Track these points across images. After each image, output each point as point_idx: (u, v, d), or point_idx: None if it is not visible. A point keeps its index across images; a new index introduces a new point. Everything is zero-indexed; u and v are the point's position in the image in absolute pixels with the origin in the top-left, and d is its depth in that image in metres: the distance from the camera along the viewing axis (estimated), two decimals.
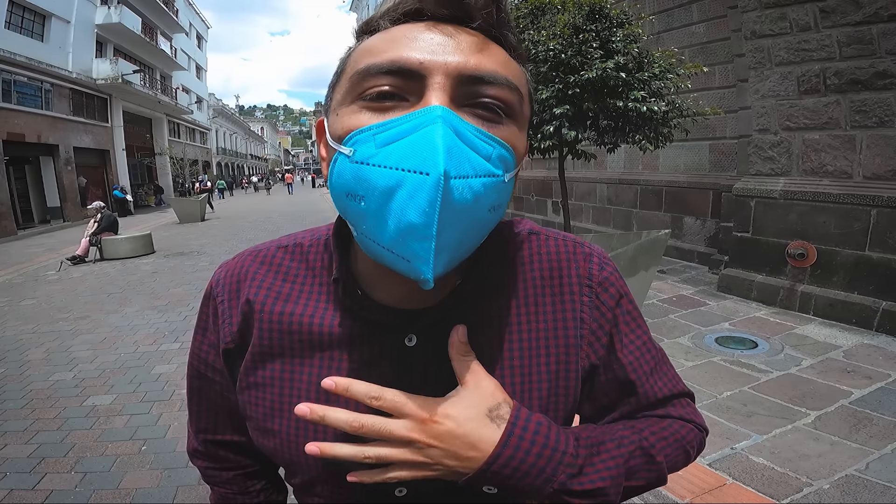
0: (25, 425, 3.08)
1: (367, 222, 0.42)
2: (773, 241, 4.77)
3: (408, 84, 0.43)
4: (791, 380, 3.19)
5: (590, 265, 0.58)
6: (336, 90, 0.49)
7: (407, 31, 0.45)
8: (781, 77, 4.52)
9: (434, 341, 0.52)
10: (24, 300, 6.53)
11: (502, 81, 0.45)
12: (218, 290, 0.59)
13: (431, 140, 0.39)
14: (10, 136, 15.13)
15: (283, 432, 0.55)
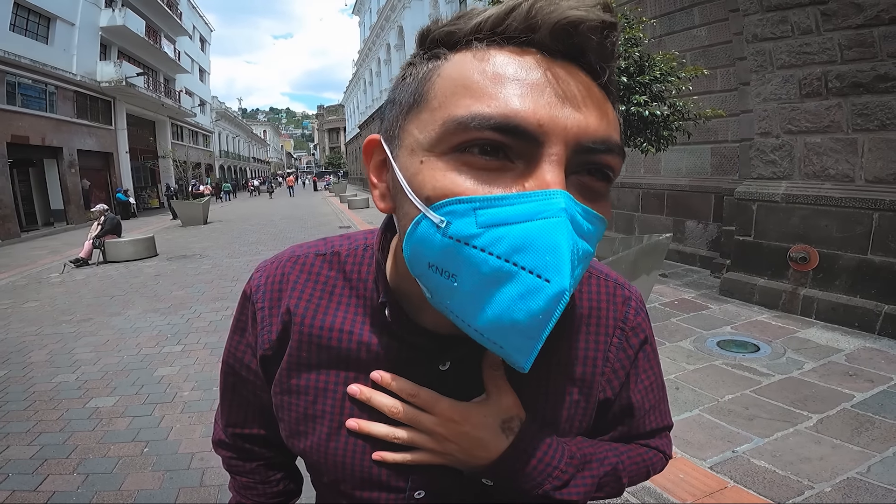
0: (28, 427, 3.09)
1: (456, 300, 0.40)
2: (774, 244, 4.77)
3: (519, 145, 0.38)
4: (793, 383, 3.19)
5: (626, 309, 0.60)
6: (414, 121, 0.42)
7: (513, 66, 0.39)
8: (783, 80, 4.52)
9: (466, 367, 0.55)
10: (27, 302, 6.56)
11: (616, 149, 0.41)
12: (258, 297, 0.60)
13: (555, 240, 0.35)
14: (15, 139, 15.20)
15: (315, 436, 0.57)
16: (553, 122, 0.37)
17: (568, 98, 0.38)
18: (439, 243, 0.38)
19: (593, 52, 0.40)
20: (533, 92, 0.38)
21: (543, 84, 0.38)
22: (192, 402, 3.39)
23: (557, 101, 0.38)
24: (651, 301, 4.90)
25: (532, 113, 0.37)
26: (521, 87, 0.38)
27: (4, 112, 14.88)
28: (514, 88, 0.38)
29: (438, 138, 0.39)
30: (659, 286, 5.55)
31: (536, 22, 0.38)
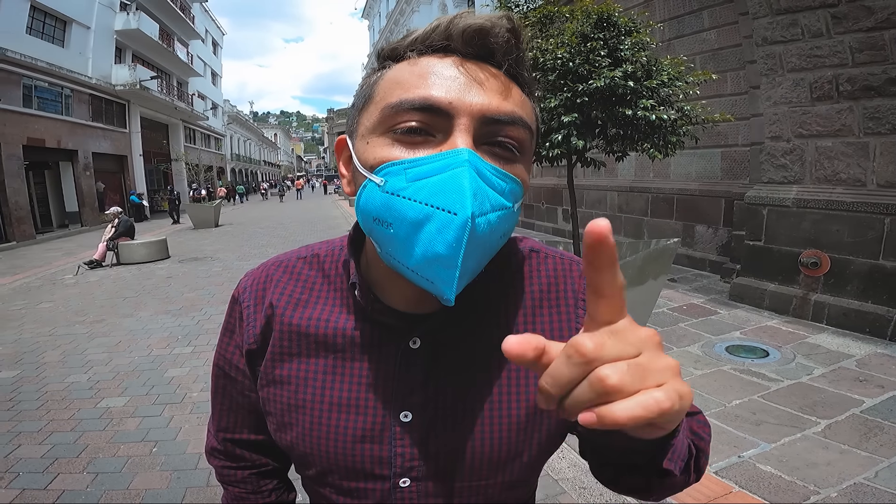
0: (40, 426, 3.14)
1: (394, 246, 0.47)
2: (785, 249, 4.72)
3: (436, 121, 0.47)
4: (802, 389, 3.17)
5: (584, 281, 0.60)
6: (364, 115, 0.52)
7: (435, 66, 0.49)
8: (794, 83, 4.49)
9: (435, 344, 0.57)
10: (41, 303, 6.67)
11: (518, 122, 0.50)
12: (245, 297, 0.65)
13: (460, 183, 0.43)
14: (31, 142, 15.40)
15: (300, 426, 0.59)
16: (460, 101, 0.47)
17: (474, 84, 0.48)
18: (380, 198, 0.47)
19: (499, 51, 0.50)
20: (446, 81, 0.48)
21: (455, 76, 0.48)
22: (201, 402, 3.42)
23: (465, 86, 0.48)
24: (659, 306, 4.88)
25: (444, 95, 0.47)
26: (438, 78, 0.48)
27: (21, 115, 15.07)
28: (432, 80, 0.48)
29: (378, 122, 0.50)
30: (667, 291, 5.51)
31: (451, 32, 0.49)
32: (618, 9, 3.32)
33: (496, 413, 0.58)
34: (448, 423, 0.58)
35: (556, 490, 2.35)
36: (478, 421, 0.58)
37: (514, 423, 0.58)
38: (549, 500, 2.29)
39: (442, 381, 0.58)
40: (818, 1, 4.15)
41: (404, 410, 0.57)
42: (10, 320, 5.81)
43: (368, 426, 0.58)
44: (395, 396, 0.58)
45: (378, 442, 0.58)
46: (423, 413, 0.57)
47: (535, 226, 11.35)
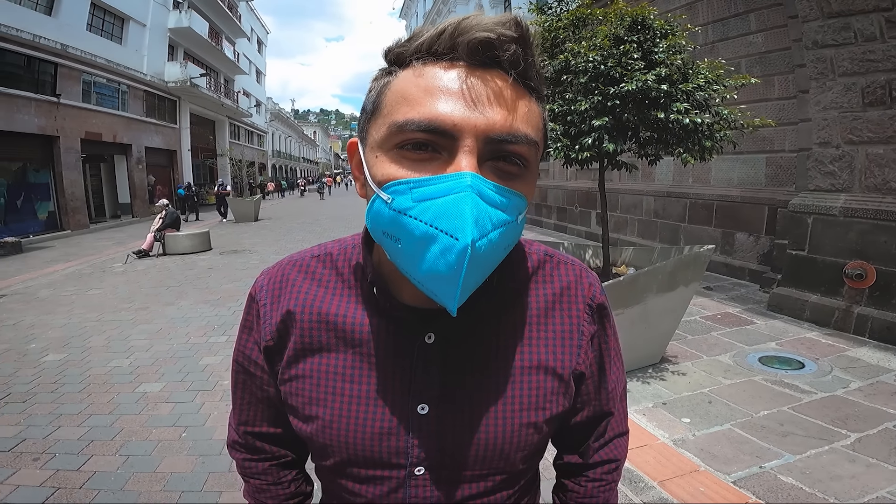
0: (80, 409, 3.31)
1: (402, 259, 0.51)
2: (829, 260, 4.52)
3: (441, 141, 0.49)
4: (835, 402, 3.06)
5: (593, 290, 0.68)
6: (373, 126, 0.54)
7: (440, 79, 0.49)
8: (844, 88, 4.28)
9: (450, 339, 0.61)
10: (91, 290, 7.05)
11: (522, 140, 0.51)
12: (261, 295, 0.67)
13: (462, 209, 0.45)
14: (88, 136, 16.16)
15: (321, 418, 0.62)
16: (465, 122, 0.48)
17: (479, 102, 0.49)
18: (387, 214, 0.50)
19: (505, 61, 0.50)
20: (452, 99, 0.48)
21: (460, 93, 0.49)
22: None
23: (469, 106, 0.48)
24: (691, 314, 4.74)
25: (449, 116, 0.48)
26: (444, 95, 0.49)
27: (80, 110, 15.79)
28: (437, 97, 0.49)
29: (386, 138, 0.51)
30: (701, 299, 5.35)
31: (457, 43, 0.49)
32: (653, 11, 3.24)
33: (508, 406, 0.61)
34: (462, 415, 0.61)
35: None
36: (490, 413, 0.61)
37: (525, 415, 0.62)
38: None
39: (456, 375, 0.61)
40: (872, 4, 3.96)
41: (421, 403, 0.60)
42: (60, 305, 6.17)
43: (388, 418, 0.61)
44: (412, 390, 0.60)
45: (396, 433, 0.61)
46: (438, 405, 0.60)
47: (568, 229, 11.20)
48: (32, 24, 13.59)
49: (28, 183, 14.29)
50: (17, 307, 6.14)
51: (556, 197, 11.85)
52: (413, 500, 0.62)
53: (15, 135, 13.20)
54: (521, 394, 0.62)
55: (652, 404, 3.10)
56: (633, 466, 2.48)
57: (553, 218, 12.06)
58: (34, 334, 4.99)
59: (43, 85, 14.40)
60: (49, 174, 14.83)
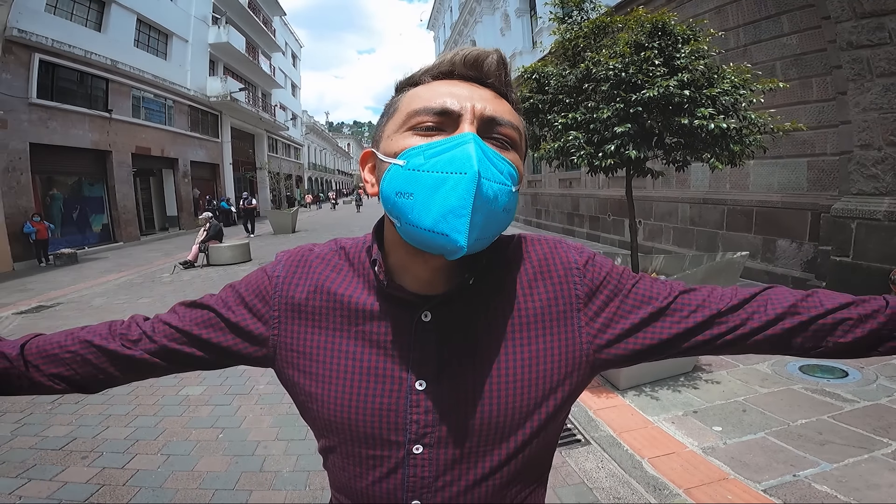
0: (128, 410, 3.52)
1: (414, 212, 0.56)
2: (875, 266, 4.34)
3: (447, 121, 0.60)
4: (879, 410, 2.94)
5: (568, 256, 0.71)
6: (389, 123, 0.65)
7: (444, 85, 0.63)
8: (884, 89, 4.14)
9: (444, 318, 0.66)
10: (141, 298, 7.45)
11: (508, 123, 0.63)
12: (278, 270, 0.73)
13: (468, 153, 0.55)
14: (139, 150, 16.95)
15: (323, 396, 0.67)
16: (465, 106, 0.60)
17: (476, 96, 0.62)
18: (402, 175, 0.58)
19: (490, 74, 0.65)
20: (454, 94, 0.62)
21: (461, 90, 0.62)
22: (266, 395, 3.70)
23: (470, 97, 0.62)
24: None
25: (454, 103, 0.61)
26: (447, 93, 0.62)
27: (130, 125, 16.58)
28: (443, 94, 0.62)
29: (402, 123, 0.62)
30: None
31: (454, 60, 0.64)
32: (673, 17, 3.22)
33: (502, 381, 0.64)
34: (458, 391, 0.64)
35: (590, 498, 2.34)
36: (486, 388, 0.64)
37: (521, 388, 0.65)
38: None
39: (452, 352, 0.65)
40: None
41: (419, 379, 0.64)
42: (112, 313, 6.54)
43: (387, 393, 0.64)
44: (410, 366, 0.65)
45: (395, 409, 0.64)
46: (435, 381, 0.64)
47: (601, 238, 11.03)
48: (84, 40, 14.35)
49: (83, 196, 15.14)
50: (72, 314, 6.55)
51: (589, 206, 11.72)
52: (413, 480, 0.64)
53: (71, 149, 13.97)
54: (516, 367, 0.65)
55: (682, 412, 3.05)
56: (658, 474, 2.45)
57: (586, 227, 11.92)
58: None
59: (95, 100, 15.17)
60: (102, 188, 15.65)
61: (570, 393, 0.68)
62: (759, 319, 0.65)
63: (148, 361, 0.72)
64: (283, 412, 3.39)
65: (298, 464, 2.75)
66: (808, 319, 0.63)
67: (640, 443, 2.75)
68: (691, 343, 0.67)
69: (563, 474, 2.52)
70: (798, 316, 0.64)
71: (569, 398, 0.68)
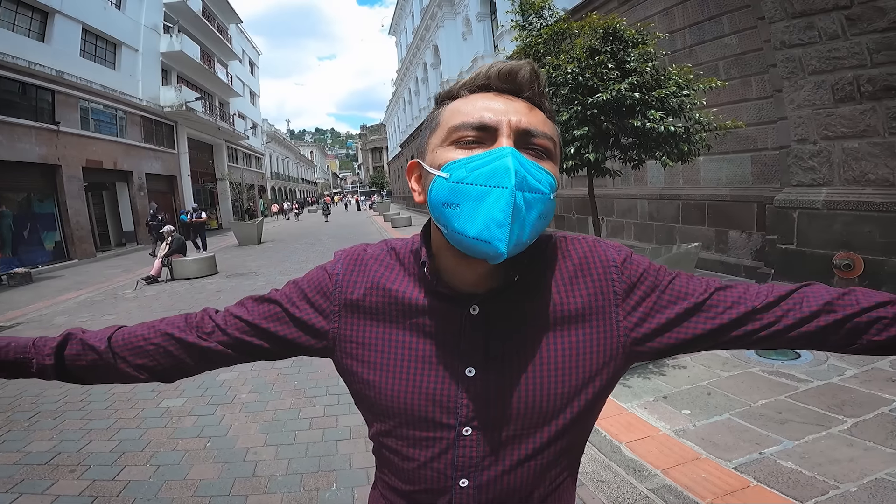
0: (109, 423, 3.48)
1: (460, 221, 0.61)
2: (818, 252, 4.67)
3: (486, 135, 0.64)
4: (832, 389, 3.15)
5: (607, 254, 0.74)
6: (432, 137, 0.69)
7: (481, 99, 0.67)
8: (815, 86, 4.48)
9: (490, 311, 0.70)
10: (105, 315, 7.24)
11: (542, 134, 0.66)
12: (338, 269, 0.79)
13: (506, 166, 0.59)
14: (90, 163, 16.23)
15: (380, 383, 0.72)
16: (502, 120, 0.64)
17: (511, 110, 0.65)
18: (448, 187, 0.62)
19: (524, 86, 0.68)
20: (491, 109, 0.65)
21: (497, 104, 0.66)
22: (249, 403, 3.73)
23: (505, 110, 0.65)
24: None
25: (491, 118, 0.64)
26: (485, 108, 0.66)
27: (80, 137, 15.88)
28: (481, 108, 0.66)
29: (444, 138, 0.67)
30: None
31: (489, 74, 0.68)
32: (622, 21, 3.44)
33: (545, 368, 0.69)
34: (504, 378, 0.69)
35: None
36: (530, 375, 0.69)
37: (562, 376, 0.69)
38: None
39: (498, 342, 0.70)
40: (831, 3, 4.15)
41: (469, 366, 0.70)
42: None
43: (440, 380, 0.70)
44: (461, 355, 0.70)
45: (447, 394, 0.69)
46: (483, 369, 0.69)
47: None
48: (28, 50, 13.80)
49: (33, 213, 14.47)
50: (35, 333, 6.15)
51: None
52: (462, 460, 0.70)
53: (18, 164, 13.35)
54: (556, 356, 0.69)
55: (653, 398, 3.21)
56: (636, 456, 2.59)
57: (552, 226, 12.24)
58: None
59: (42, 113, 14.54)
60: (53, 204, 14.98)
61: (608, 383, 0.72)
62: (794, 317, 0.67)
63: (221, 352, 0.79)
64: (269, 419, 3.43)
65: (291, 467, 2.81)
66: (844, 318, 0.64)
67: (617, 429, 2.89)
68: (727, 338, 0.70)
69: None
70: (833, 314, 0.65)
71: (606, 388, 0.72)
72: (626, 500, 2.31)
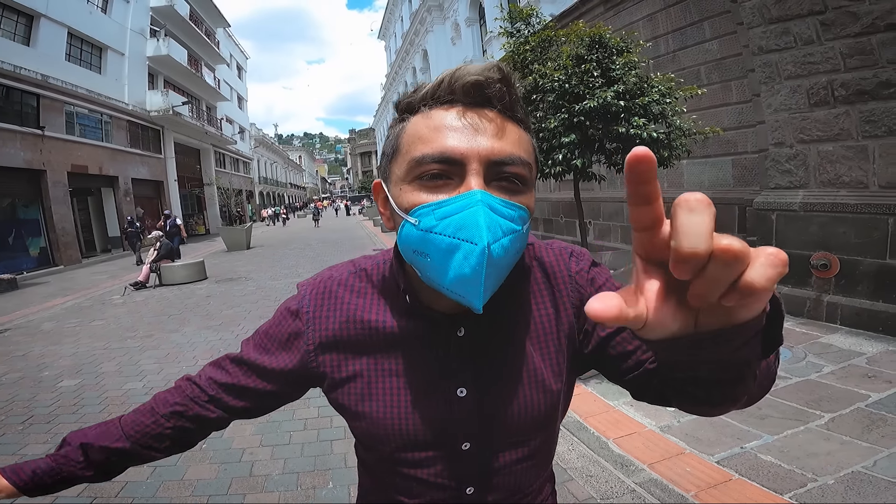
0: None
1: (432, 271, 0.58)
2: (796, 253, 4.76)
3: (452, 168, 0.59)
4: (809, 385, 3.25)
5: (569, 263, 0.76)
6: (394, 164, 0.64)
7: (444, 118, 0.60)
8: (791, 90, 4.61)
9: (475, 332, 0.70)
10: (94, 321, 7.18)
11: (517, 162, 0.61)
12: (305, 304, 0.76)
13: (476, 219, 0.54)
14: (75, 168, 16.07)
15: (372, 413, 0.71)
16: (470, 150, 0.59)
17: (479, 133, 0.59)
18: (416, 235, 0.59)
19: (493, 98, 0.61)
20: (457, 133, 0.59)
21: (462, 127, 0.60)
22: None
23: (472, 136, 0.59)
24: None
25: (456, 147, 0.59)
26: (450, 131, 0.60)
27: (65, 142, 15.71)
28: (445, 133, 0.60)
29: (407, 172, 0.61)
30: None
31: (454, 87, 0.61)
32: (608, 30, 3.54)
33: (532, 380, 0.71)
34: (496, 394, 0.70)
35: (565, 477, 2.55)
36: (519, 389, 0.70)
37: (546, 384, 0.71)
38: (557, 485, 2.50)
39: (486, 361, 0.70)
40: (806, 9, 4.27)
41: (460, 387, 0.70)
42: (66, 336, 6.31)
43: (433, 404, 0.70)
44: (452, 376, 0.70)
45: (443, 415, 0.70)
46: (475, 388, 0.70)
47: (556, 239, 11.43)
48: (13, 54, 13.68)
49: (18, 219, 14.31)
50: (23, 339, 6.29)
51: (542, 209, 12.16)
52: (462, 473, 0.73)
53: (2, 169, 13.20)
54: (540, 366, 0.71)
55: None
56: (623, 452, 2.68)
57: (540, 229, 12.36)
58: (45, 363, 5.16)
59: (27, 117, 14.39)
60: (38, 209, 14.80)
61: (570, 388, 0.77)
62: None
63: (220, 417, 0.80)
64: (264, 420, 3.46)
65: (287, 467, 2.86)
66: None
67: (605, 425, 2.97)
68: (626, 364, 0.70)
69: None
70: None
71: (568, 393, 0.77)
72: (614, 493, 2.38)
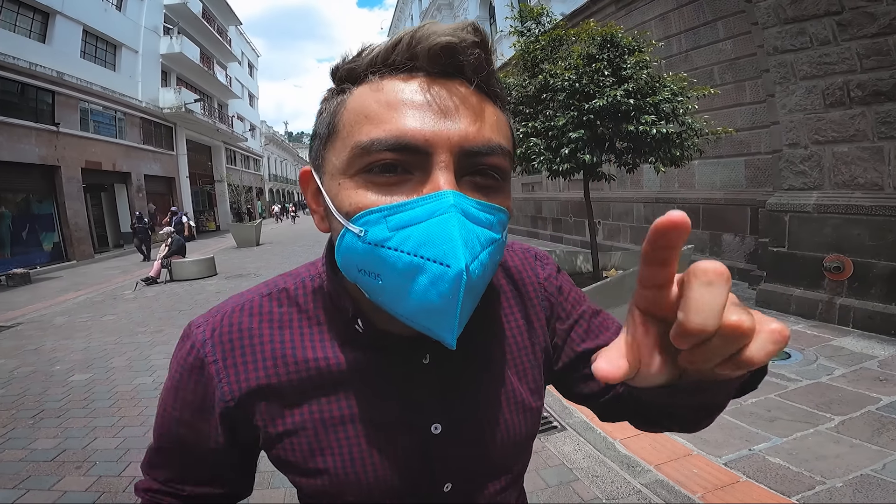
0: (113, 421, 3.52)
1: (384, 296, 0.45)
2: (809, 255, 4.73)
3: (413, 159, 0.44)
4: (820, 388, 3.22)
5: (535, 267, 0.68)
6: (331, 151, 0.48)
7: (402, 92, 0.45)
8: (806, 91, 4.56)
9: (443, 358, 0.57)
10: (105, 316, 7.27)
11: (497, 151, 0.47)
12: (207, 351, 0.57)
13: (450, 232, 0.40)
14: (89, 164, 16.23)
15: (331, 467, 0.56)
16: (437, 136, 0.43)
17: (448, 112, 0.44)
18: (361, 249, 0.44)
19: (468, 67, 0.46)
20: (419, 112, 0.44)
21: (427, 104, 0.44)
22: None
23: (440, 117, 0.44)
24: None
25: (419, 130, 0.43)
26: (409, 109, 0.44)
27: (79, 139, 15.87)
28: (403, 111, 0.44)
29: (349, 162, 0.46)
30: None
31: (416, 52, 0.45)
32: (620, 30, 3.53)
33: (511, 402, 0.61)
34: (473, 425, 0.59)
35: (570, 478, 2.53)
36: (499, 415, 0.60)
37: (527, 405, 0.63)
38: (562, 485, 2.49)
39: (457, 388, 0.59)
40: (823, 9, 4.23)
41: (434, 423, 0.57)
42: (78, 331, 6.38)
43: (405, 445, 0.57)
44: (423, 412, 0.57)
45: (417, 457, 0.57)
46: (450, 421, 0.58)
47: (564, 239, 11.43)
48: (28, 51, 13.81)
49: (32, 214, 14.44)
50: (35, 333, 6.37)
51: (551, 209, 12.13)
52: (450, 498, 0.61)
53: (18, 165, 13.35)
54: (516, 388, 0.62)
55: None
56: (630, 452, 2.66)
57: (549, 229, 12.32)
58: (57, 357, 5.22)
59: (42, 114, 14.53)
60: (52, 205, 14.95)
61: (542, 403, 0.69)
62: None
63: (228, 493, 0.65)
64: None
65: None
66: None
67: (611, 426, 2.91)
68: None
69: (543, 458, 2.69)
70: None
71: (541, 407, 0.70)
72: (620, 494, 2.37)
